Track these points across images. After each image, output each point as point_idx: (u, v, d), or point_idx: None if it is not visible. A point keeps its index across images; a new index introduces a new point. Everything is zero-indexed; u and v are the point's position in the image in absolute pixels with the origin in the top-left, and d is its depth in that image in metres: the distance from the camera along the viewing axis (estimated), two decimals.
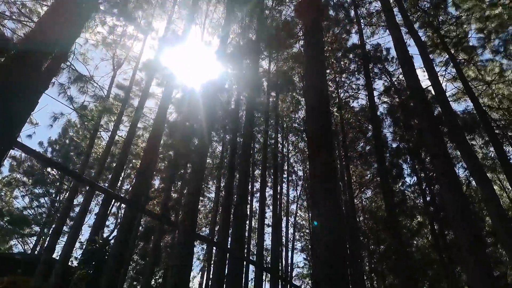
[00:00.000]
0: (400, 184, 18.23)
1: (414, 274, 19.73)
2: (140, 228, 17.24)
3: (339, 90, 19.94)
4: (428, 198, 15.94)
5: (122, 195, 17.35)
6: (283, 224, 20.12)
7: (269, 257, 16.06)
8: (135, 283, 18.85)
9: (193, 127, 17.25)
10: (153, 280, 18.03)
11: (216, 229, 17.90)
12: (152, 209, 18.33)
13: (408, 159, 16.99)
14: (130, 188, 20.42)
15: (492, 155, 15.95)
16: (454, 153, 15.91)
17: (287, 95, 20.77)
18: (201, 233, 22.99)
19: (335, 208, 3.77)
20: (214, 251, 17.27)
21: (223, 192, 16.91)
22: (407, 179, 18.29)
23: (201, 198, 21.05)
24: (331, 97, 20.31)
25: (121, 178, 21.51)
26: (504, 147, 13.48)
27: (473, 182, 13.18)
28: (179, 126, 16.08)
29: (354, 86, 19.29)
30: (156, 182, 21.43)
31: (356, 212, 19.97)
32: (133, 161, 21.01)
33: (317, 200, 3.85)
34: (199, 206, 21.32)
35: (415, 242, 20.44)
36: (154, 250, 12.19)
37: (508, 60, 14.17)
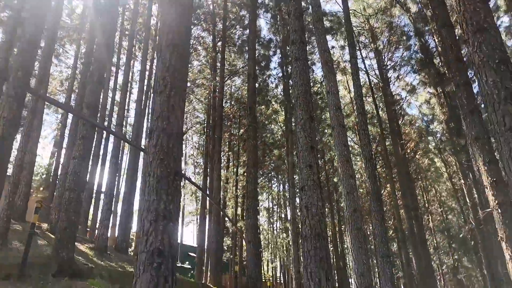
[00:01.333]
0: (267, 75, 19.39)
1: (264, 153, 22.80)
2: None
3: None
4: (289, 90, 17.54)
5: None
6: (150, 100, 19.70)
7: (132, 131, 15.95)
8: None
9: None
10: None
11: (73, 97, 16.41)
12: None
13: (278, 52, 17.86)
14: None
15: (346, 58, 17.95)
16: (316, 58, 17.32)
17: None
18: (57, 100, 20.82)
19: (183, 65, 3.77)
20: (69, 120, 16.09)
21: (83, 59, 15.11)
22: (274, 72, 19.49)
23: (55, 62, 18.47)
24: None
25: None
26: (357, 52, 15.26)
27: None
28: None
29: None
30: None
31: (225, 97, 20.88)
32: None
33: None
34: (53, 71, 18.86)
35: (270, 127, 23.00)
36: None
37: None
